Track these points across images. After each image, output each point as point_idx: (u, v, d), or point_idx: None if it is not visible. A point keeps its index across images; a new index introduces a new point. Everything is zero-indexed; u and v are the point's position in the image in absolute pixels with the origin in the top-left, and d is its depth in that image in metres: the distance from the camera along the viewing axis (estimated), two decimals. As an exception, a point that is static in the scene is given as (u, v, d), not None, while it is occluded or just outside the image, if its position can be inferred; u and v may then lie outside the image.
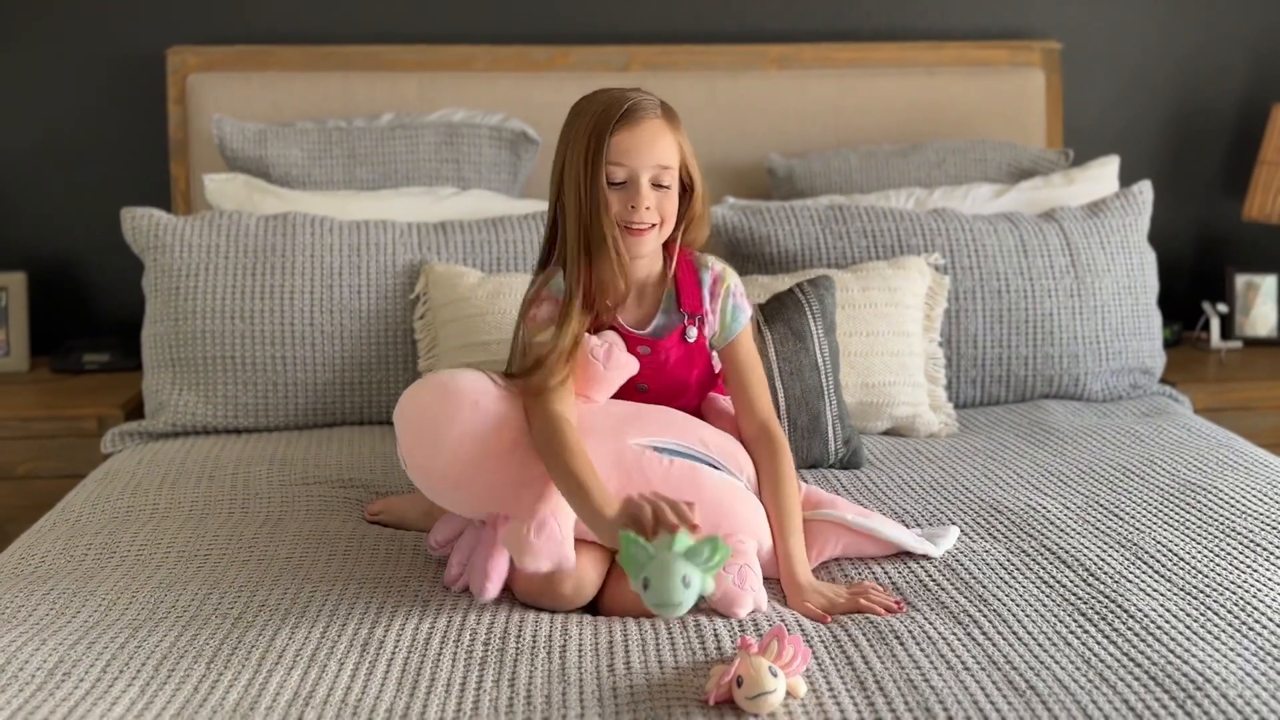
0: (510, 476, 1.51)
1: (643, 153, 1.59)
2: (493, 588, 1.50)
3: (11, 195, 2.90)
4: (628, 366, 1.65)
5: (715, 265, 1.74)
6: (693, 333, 1.70)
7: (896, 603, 1.51)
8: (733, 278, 1.74)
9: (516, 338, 1.69)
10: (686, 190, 1.67)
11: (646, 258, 1.68)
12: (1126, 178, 2.89)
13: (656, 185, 1.61)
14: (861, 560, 1.65)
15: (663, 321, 1.70)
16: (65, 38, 2.85)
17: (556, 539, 1.44)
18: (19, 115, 2.87)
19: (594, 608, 1.56)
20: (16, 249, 2.90)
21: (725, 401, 1.79)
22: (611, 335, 1.66)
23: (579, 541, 1.52)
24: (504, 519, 1.52)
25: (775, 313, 2.04)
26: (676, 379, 1.71)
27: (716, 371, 1.79)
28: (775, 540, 1.61)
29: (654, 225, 1.63)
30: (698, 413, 1.77)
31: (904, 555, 1.66)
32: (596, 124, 1.59)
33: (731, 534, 1.55)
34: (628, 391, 1.68)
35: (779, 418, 1.95)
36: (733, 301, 1.72)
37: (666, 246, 1.71)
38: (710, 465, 1.62)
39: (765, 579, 1.58)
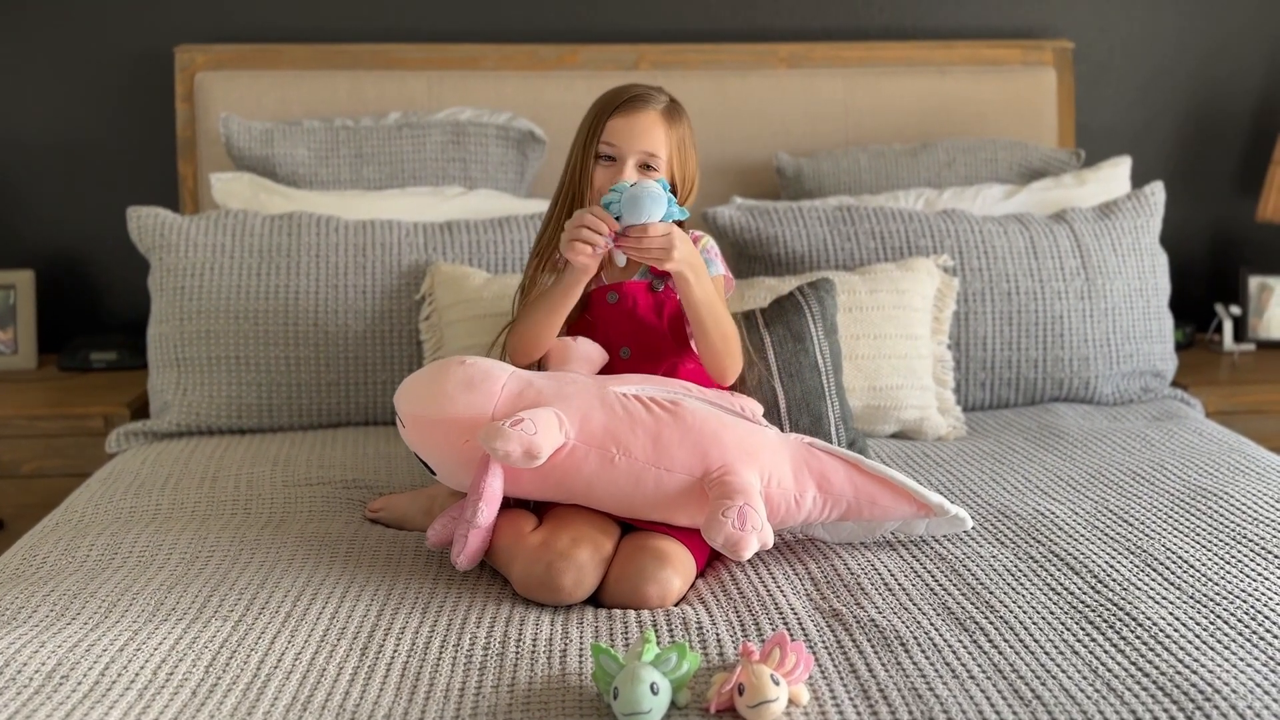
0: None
1: (634, 138, 1.77)
2: (486, 508, 1.54)
3: (19, 193, 2.90)
4: (597, 348, 1.79)
5: (694, 234, 1.86)
6: (659, 285, 1.82)
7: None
8: (709, 240, 1.87)
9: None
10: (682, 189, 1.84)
11: None
12: (1139, 178, 2.86)
13: (644, 167, 1.78)
14: (868, 549, 1.64)
15: (633, 273, 1.85)
16: (73, 35, 2.85)
17: (529, 431, 1.50)
18: (27, 112, 2.87)
19: (595, 600, 1.56)
20: (24, 246, 2.90)
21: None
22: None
23: (581, 536, 1.55)
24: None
25: (775, 315, 2.03)
26: (650, 328, 1.80)
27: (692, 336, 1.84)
28: None
29: None
30: (684, 374, 1.83)
31: (910, 554, 1.65)
32: (600, 107, 1.81)
33: (724, 467, 1.56)
34: (612, 360, 1.79)
35: (779, 421, 1.95)
36: (706, 256, 1.83)
37: None
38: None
39: (779, 531, 1.64)
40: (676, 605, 1.54)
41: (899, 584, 1.57)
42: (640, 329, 1.81)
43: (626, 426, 1.58)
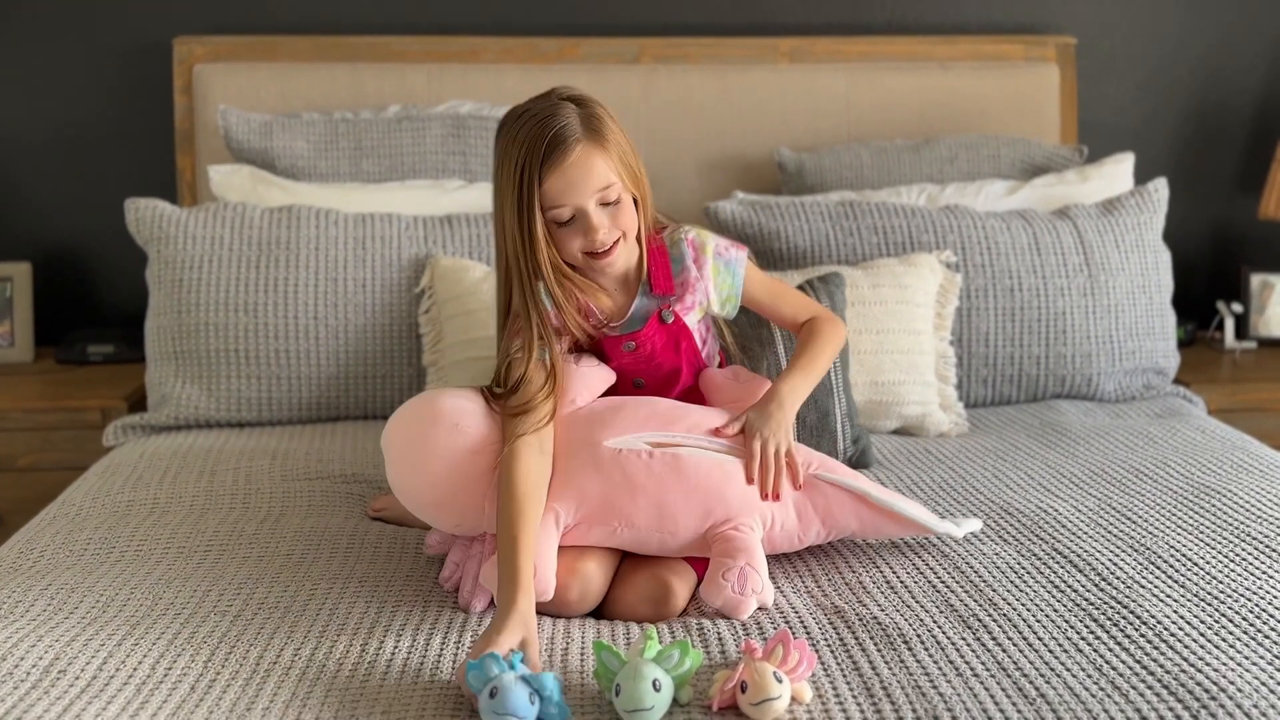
0: (490, 497, 1.54)
1: (579, 187, 1.56)
2: (479, 604, 1.50)
3: (17, 185, 2.88)
4: (601, 372, 1.68)
5: (688, 235, 1.72)
6: (669, 315, 1.70)
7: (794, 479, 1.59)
8: (710, 239, 1.73)
9: (499, 352, 1.68)
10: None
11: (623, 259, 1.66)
12: (1141, 175, 2.85)
13: (605, 204, 1.59)
14: (870, 547, 1.63)
15: (640, 305, 1.69)
16: (72, 27, 2.83)
17: (539, 579, 1.43)
18: (25, 105, 2.85)
19: (598, 613, 1.55)
20: (22, 239, 2.89)
21: (720, 376, 1.76)
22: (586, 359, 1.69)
23: (585, 547, 1.53)
24: (490, 547, 1.52)
25: (784, 310, 2.02)
26: (667, 365, 1.72)
27: (703, 350, 1.76)
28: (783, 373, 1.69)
29: (617, 241, 1.61)
30: (695, 392, 1.75)
31: (913, 552, 1.64)
32: (524, 168, 1.55)
33: (728, 520, 1.53)
34: (624, 388, 1.71)
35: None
36: (720, 261, 1.73)
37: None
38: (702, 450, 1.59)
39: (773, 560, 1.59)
40: (679, 609, 1.53)
41: (901, 581, 1.56)
42: (658, 367, 1.73)
43: (627, 496, 1.52)
